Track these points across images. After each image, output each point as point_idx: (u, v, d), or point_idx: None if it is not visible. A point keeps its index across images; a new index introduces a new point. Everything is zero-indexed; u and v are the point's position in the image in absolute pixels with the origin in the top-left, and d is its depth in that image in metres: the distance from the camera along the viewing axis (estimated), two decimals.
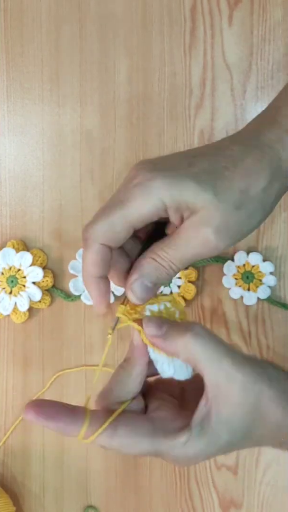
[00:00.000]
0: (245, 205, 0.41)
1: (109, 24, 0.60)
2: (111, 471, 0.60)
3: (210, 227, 0.40)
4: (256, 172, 0.41)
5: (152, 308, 0.43)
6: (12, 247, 0.59)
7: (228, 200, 0.40)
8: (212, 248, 0.41)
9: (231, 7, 0.58)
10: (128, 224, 0.40)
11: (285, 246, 0.59)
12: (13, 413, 0.60)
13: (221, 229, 0.40)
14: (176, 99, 0.59)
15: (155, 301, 0.44)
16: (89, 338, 0.60)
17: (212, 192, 0.40)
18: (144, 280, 0.42)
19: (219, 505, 0.59)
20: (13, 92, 0.60)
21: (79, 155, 0.60)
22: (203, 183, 0.40)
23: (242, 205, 0.41)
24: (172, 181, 0.40)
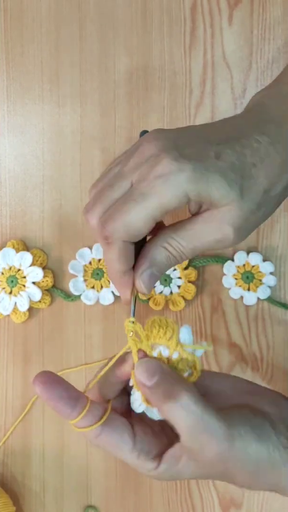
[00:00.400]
0: (265, 205, 0.41)
1: (109, 24, 0.60)
2: (111, 471, 0.60)
3: (231, 225, 0.39)
4: (280, 171, 0.41)
5: (163, 351, 0.41)
6: (12, 247, 0.59)
7: (251, 200, 0.40)
8: (228, 244, 0.40)
9: (231, 6, 0.58)
10: (151, 218, 0.39)
11: (285, 246, 0.59)
12: (13, 413, 0.60)
13: (241, 227, 0.40)
14: (176, 98, 0.59)
15: (174, 347, 0.41)
16: (89, 338, 0.60)
17: (239, 191, 0.39)
18: (154, 270, 0.41)
19: (219, 505, 0.59)
20: (13, 92, 0.60)
21: (79, 155, 0.60)
22: (231, 181, 0.39)
23: (263, 205, 0.41)
24: (200, 176, 0.38)
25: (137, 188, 0.39)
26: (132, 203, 0.39)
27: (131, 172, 0.40)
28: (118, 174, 0.42)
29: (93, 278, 0.59)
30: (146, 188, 0.39)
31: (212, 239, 0.40)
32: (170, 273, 0.59)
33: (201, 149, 0.39)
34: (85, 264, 0.59)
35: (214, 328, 0.59)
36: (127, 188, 0.40)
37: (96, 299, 0.60)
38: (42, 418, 0.60)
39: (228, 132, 0.42)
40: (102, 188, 0.42)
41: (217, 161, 0.39)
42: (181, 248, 0.41)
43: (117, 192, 0.40)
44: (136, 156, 0.41)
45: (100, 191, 0.42)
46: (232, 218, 0.39)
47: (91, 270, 0.59)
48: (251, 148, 0.40)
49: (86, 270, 0.59)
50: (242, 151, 0.40)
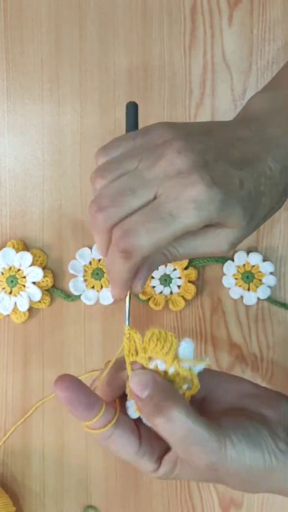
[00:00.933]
0: (260, 225, 0.44)
1: (109, 24, 0.60)
2: (111, 471, 0.60)
3: (229, 242, 0.41)
4: (280, 199, 0.44)
5: (160, 365, 0.41)
6: (12, 247, 0.59)
7: (254, 224, 0.42)
8: (219, 254, 0.43)
9: (231, 7, 0.58)
10: (173, 237, 0.38)
11: (285, 246, 0.59)
12: (13, 413, 0.60)
13: (236, 243, 0.42)
14: (176, 99, 0.59)
15: (170, 362, 0.41)
16: (89, 338, 0.60)
17: (249, 220, 0.40)
18: (150, 273, 0.42)
19: (219, 505, 0.59)
20: (13, 92, 0.60)
21: (79, 155, 0.60)
22: (247, 210, 0.40)
23: (258, 226, 0.43)
24: (226, 207, 0.38)
25: (166, 206, 0.38)
26: (160, 222, 0.38)
27: (157, 183, 0.38)
28: (140, 178, 0.39)
29: (93, 278, 0.59)
30: (176, 210, 0.38)
31: (208, 251, 0.42)
32: (170, 273, 0.59)
33: (227, 173, 0.39)
34: (85, 264, 0.59)
35: (214, 328, 0.59)
36: (150, 199, 0.38)
37: (96, 299, 0.60)
38: (42, 419, 0.60)
39: (244, 152, 0.41)
40: (119, 189, 0.39)
41: (240, 190, 0.39)
42: (177, 254, 0.42)
43: (139, 200, 0.39)
44: (164, 164, 0.39)
45: (117, 192, 0.39)
46: (231, 237, 0.41)
47: (91, 270, 0.59)
48: (265, 176, 0.41)
49: (86, 270, 0.59)
50: (258, 179, 0.41)
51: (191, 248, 0.41)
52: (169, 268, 0.59)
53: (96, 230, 0.40)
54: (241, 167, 0.40)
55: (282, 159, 0.42)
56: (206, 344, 0.59)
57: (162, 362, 0.41)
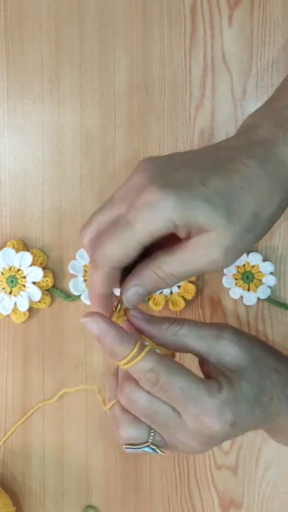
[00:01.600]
0: (255, 228, 0.41)
1: (109, 24, 0.60)
2: (111, 471, 0.60)
3: (220, 249, 0.40)
4: (270, 194, 0.41)
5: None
6: (12, 247, 0.59)
7: (239, 223, 0.40)
8: (218, 267, 0.41)
9: (231, 7, 0.59)
10: (138, 245, 0.40)
11: (285, 246, 0.59)
12: (13, 413, 0.60)
13: (230, 250, 0.40)
14: (176, 99, 0.59)
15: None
16: (89, 338, 0.60)
17: (226, 216, 0.39)
18: (140, 289, 0.42)
19: (219, 505, 0.59)
20: (13, 92, 0.60)
21: (79, 155, 0.60)
22: (217, 206, 0.39)
23: (253, 228, 0.41)
24: (184, 203, 0.39)
25: (125, 216, 0.41)
26: (121, 230, 0.40)
27: (120, 200, 0.42)
28: (109, 201, 0.43)
29: None
30: (133, 216, 0.40)
31: (202, 263, 0.41)
32: None
33: (186, 176, 0.40)
34: (85, 264, 0.59)
35: None
36: (116, 214, 0.42)
37: None
38: (42, 419, 0.60)
39: (216, 158, 0.42)
40: (94, 213, 0.44)
41: (202, 187, 0.39)
42: (171, 271, 0.42)
43: (107, 215, 0.42)
44: (125, 186, 0.42)
45: (92, 215, 0.44)
46: (220, 242, 0.40)
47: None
48: (239, 172, 0.41)
49: (86, 270, 0.60)
50: (229, 176, 0.40)
51: (184, 262, 0.41)
52: None
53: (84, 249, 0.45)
54: (206, 170, 0.41)
55: (263, 156, 0.41)
56: None
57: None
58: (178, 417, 0.43)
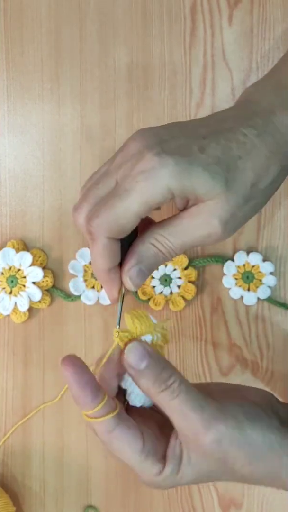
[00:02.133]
0: (253, 198, 0.40)
1: (109, 24, 0.60)
2: (111, 471, 0.60)
3: (218, 219, 0.39)
4: (268, 164, 0.40)
5: (147, 339, 0.43)
6: (12, 247, 0.59)
7: (238, 193, 0.39)
8: (216, 239, 0.40)
9: (231, 6, 0.58)
10: (134, 215, 0.39)
11: (285, 246, 0.59)
12: (13, 413, 0.60)
13: (228, 221, 0.39)
14: (176, 98, 0.59)
15: (149, 330, 0.43)
16: (89, 338, 0.60)
17: (224, 184, 0.38)
18: (142, 267, 0.41)
19: (219, 505, 0.59)
20: (13, 92, 0.60)
21: (79, 155, 0.60)
22: (215, 174, 0.38)
23: (251, 198, 0.40)
24: (182, 170, 0.38)
25: (121, 184, 0.39)
26: (116, 198, 0.39)
27: (116, 170, 0.40)
28: (104, 173, 0.42)
29: (93, 278, 0.59)
30: (129, 184, 0.38)
31: (199, 234, 0.40)
32: (170, 273, 0.59)
33: (184, 144, 0.39)
34: (85, 264, 0.59)
35: (214, 328, 0.59)
36: (112, 186, 0.40)
37: (96, 299, 0.59)
38: (42, 419, 0.60)
39: (214, 126, 0.41)
40: (88, 188, 0.42)
41: (201, 154, 0.39)
42: (169, 244, 0.41)
43: (102, 189, 0.41)
44: (121, 155, 0.41)
45: (86, 190, 0.42)
46: (218, 212, 0.39)
47: (91, 270, 0.59)
48: (237, 141, 0.40)
49: (86, 270, 0.59)
50: (227, 144, 0.40)
51: (181, 234, 0.40)
52: (169, 268, 0.59)
53: (79, 229, 0.42)
54: (203, 138, 0.40)
55: (261, 125, 0.41)
56: (206, 344, 0.59)
57: (146, 336, 0.42)
58: None
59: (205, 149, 0.39)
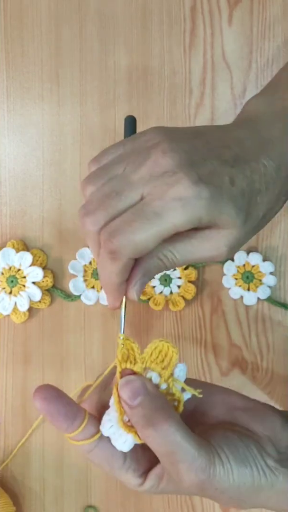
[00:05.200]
0: (259, 227, 0.42)
1: (109, 24, 0.60)
2: None
3: (226, 246, 0.40)
4: (279, 197, 0.42)
5: (154, 379, 0.40)
6: (12, 247, 0.59)
7: (251, 225, 0.40)
8: (219, 259, 0.41)
9: (230, 6, 0.58)
10: (161, 238, 0.38)
11: (285, 246, 0.59)
12: (13, 413, 0.60)
13: (234, 247, 0.40)
14: (176, 98, 0.59)
15: (166, 379, 0.40)
16: (89, 338, 0.60)
17: (244, 218, 0.39)
18: (146, 279, 0.41)
19: (219, 505, 0.59)
20: (13, 92, 0.60)
21: (79, 154, 0.60)
22: (240, 209, 0.39)
23: (257, 228, 0.42)
24: (216, 204, 0.38)
25: (151, 205, 0.38)
26: (145, 221, 0.37)
27: (143, 184, 0.38)
28: (126, 180, 0.39)
29: (93, 278, 0.59)
30: (161, 208, 0.37)
31: (205, 255, 0.40)
32: (170, 273, 0.59)
33: (216, 171, 0.39)
34: (85, 264, 0.59)
35: (214, 328, 0.59)
36: (136, 200, 0.39)
37: (96, 299, 0.59)
38: (42, 418, 0.60)
39: (238, 152, 0.41)
40: (106, 192, 0.40)
41: (231, 187, 0.39)
42: (174, 259, 0.41)
43: (124, 202, 0.39)
44: (149, 166, 0.39)
45: (104, 195, 0.40)
46: (230, 239, 0.40)
47: (91, 270, 0.59)
48: (259, 173, 0.40)
49: (86, 270, 0.59)
50: (251, 176, 0.40)
51: (188, 252, 0.40)
52: None
53: (86, 235, 0.40)
54: (232, 165, 0.40)
55: (277, 157, 0.42)
56: (206, 344, 0.59)
57: (157, 376, 0.40)
58: None
59: (235, 180, 0.39)
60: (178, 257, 0.40)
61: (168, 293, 0.59)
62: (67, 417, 0.39)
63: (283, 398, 0.58)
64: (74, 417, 0.40)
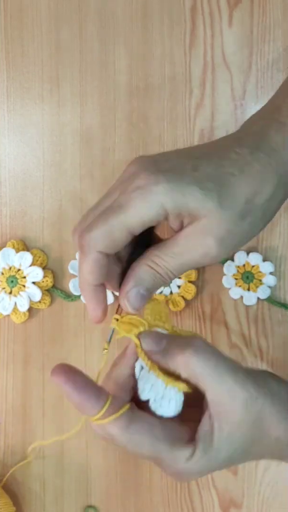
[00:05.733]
0: (249, 215, 0.40)
1: (109, 24, 0.60)
2: (111, 471, 0.60)
3: (213, 237, 0.39)
4: (262, 179, 0.40)
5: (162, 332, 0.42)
6: (12, 247, 0.59)
7: (232, 209, 0.39)
8: (213, 258, 0.40)
9: (231, 7, 0.59)
10: (127, 230, 0.39)
11: (285, 246, 0.59)
12: (13, 413, 0.60)
13: (224, 239, 0.39)
14: (176, 99, 0.59)
15: (168, 329, 0.42)
16: (89, 338, 0.60)
17: (217, 200, 0.38)
18: (140, 289, 0.41)
19: (219, 505, 0.59)
20: (13, 92, 0.60)
21: (79, 155, 0.60)
22: (208, 190, 0.38)
23: (247, 215, 0.40)
24: (175, 187, 0.38)
25: (116, 201, 0.40)
26: (110, 213, 0.39)
27: (114, 190, 0.41)
28: (103, 196, 0.43)
29: None
30: (124, 200, 0.39)
31: (195, 254, 0.40)
32: None
33: (178, 163, 0.40)
34: None
35: (214, 328, 0.59)
36: (109, 205, 0.41)
37: None
38: (42, 418, 0.60)
39: (208, 148, 0.42)
40: (88, 209, 0.43)
41: (194, 172, 0.39)
42: (165, 264, 0.40)
43: (98, 209, 0.41)
44: (119, 179, 0.42)
45: (87, 212, 0.43)
46: (213, 229, 0.39)
47: None
48: (229, 159, 0.40)
49: None
50: (219, 162, 0.40)
51: (177, 255, 0.40)
52: None
53: (78, 249, 0.42)
54: (196, 157, 0.40)
55: (253, 144, 0.41)
56: None
57: (162, 330, 0.42)
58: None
59: (198, 167, 0.39)
60: (168, 260, 0.40)
61: (168, 293, 0.59)
62: (92, 392, 0.38)
63: None
64: (99, 393, 0.38)
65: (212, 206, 0.38)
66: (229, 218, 0.39)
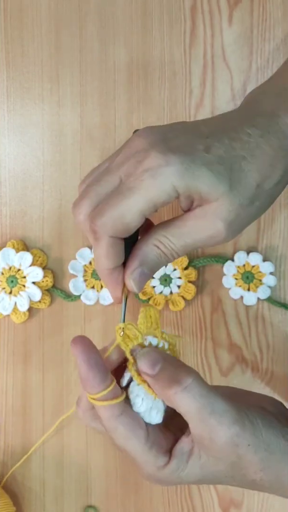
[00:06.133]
0: (258, 199, 0.40)
1: (109, 24, 0.60)
2: (111, 471, 0.60)
3: (223, 221, 0.39)
4: (272, 164, 0.40)
5: (152, 341, 0.42)
6: (12, 247, 0.59)
7: (243, 194, 0.39)
8: (220, 240, 0.40)
9: (231, 6, 0.58)
10: (139, 213, 0.38)
11: (285, 246, 0.59)
12: (13, 413, 0.60)
13: (232, 223, 0.39)
14: (176, 98, 0.59)
15: (160, 336, 0.43)
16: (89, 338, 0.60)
17: (228, 184, 0.38)
18: (145, 269, 0.41)
19: (219, 505, 0.59)
20: (13, 92, 0.60)
21: (79, 155, 0.60)
22: (220, 174, 0.38)
23: (256, 199, 0.40)
24: (188, 169, 0.37)
25: (125, 183, 0.39)
26: (121, 197, 0.38)
27: (119, 167, 0.40)
28: (105, 170, 0.41)
29: (93, 278, 0.59)
30: (134, 182, 0.38)
31: (203, 235, 0.40)
32: (170, 273, 0.59)
33: (189, 142, 0.39)
34: (85, 264, 0.59)
35: (214, 328, 0.59)
36: (116, 184, 0.40)
37: (96, 299, 0.60)
38: (42, 418, 0.60)
39: (218, 125, 0.41)
40: (89, 184, 0.42)
41: (206, 154, 0.38)
42: (171, 245, 0.40)
43: (104, 187, 0.40)
44: (124, 152, 0.40)
45: (87, 187, 0.42)
46: (223, 213, 0.39)
47: (91, 270, 0.59)
48: (241, 141, 0.40)
49: (86, 270, 0.59)
50: (230, 144, 0.39)
51: (184, 235, 0.40)
52: (169, 268, 0.59)
53: (78, 226, 0.42)
54: (207, 136, 0.39)
55: (264, 125, 0.41)
56: (206, 344, 0.59)
57: (153, 338, 0.42)
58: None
59: (210, 148, 0.39)
60: (175, 241, 0.40)
61: (168, 293, 0.59)
62: (102, 370, 0.39)
63: (283, 398, 0.58)
64: (105, 377, 0.39)
65: (224, 191, 0.38)
66: (239, 202, 0.39)
